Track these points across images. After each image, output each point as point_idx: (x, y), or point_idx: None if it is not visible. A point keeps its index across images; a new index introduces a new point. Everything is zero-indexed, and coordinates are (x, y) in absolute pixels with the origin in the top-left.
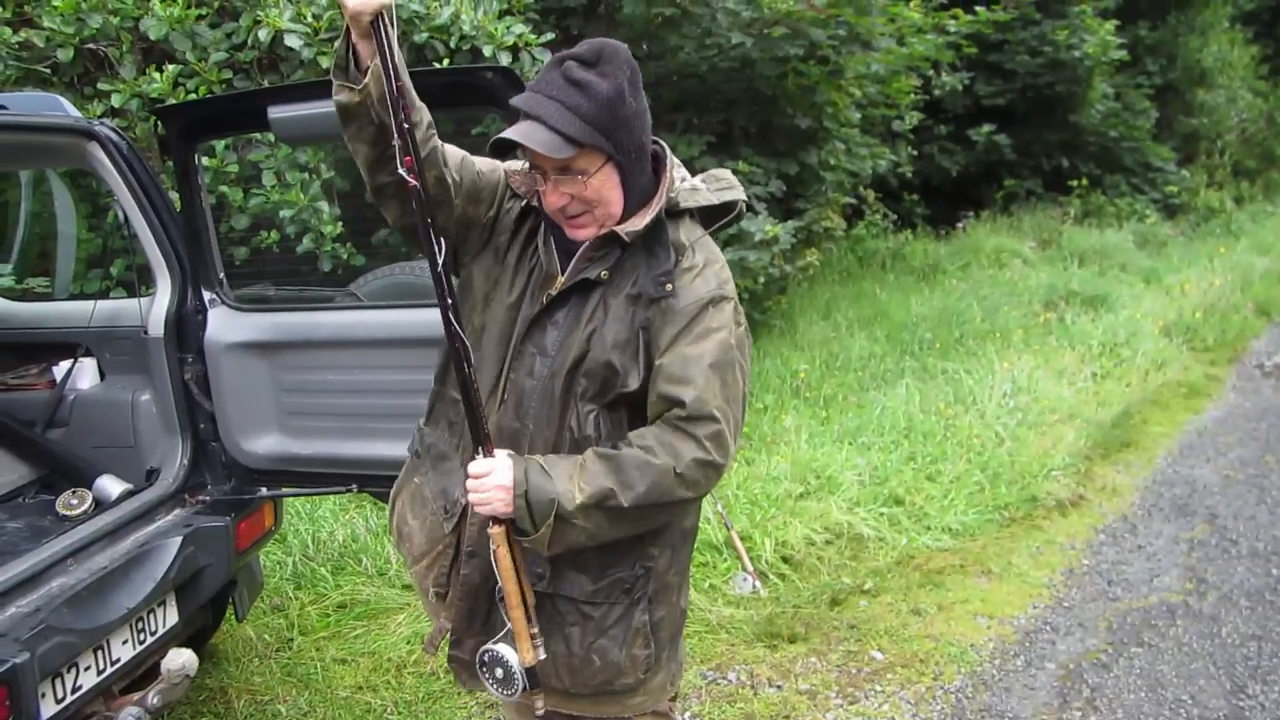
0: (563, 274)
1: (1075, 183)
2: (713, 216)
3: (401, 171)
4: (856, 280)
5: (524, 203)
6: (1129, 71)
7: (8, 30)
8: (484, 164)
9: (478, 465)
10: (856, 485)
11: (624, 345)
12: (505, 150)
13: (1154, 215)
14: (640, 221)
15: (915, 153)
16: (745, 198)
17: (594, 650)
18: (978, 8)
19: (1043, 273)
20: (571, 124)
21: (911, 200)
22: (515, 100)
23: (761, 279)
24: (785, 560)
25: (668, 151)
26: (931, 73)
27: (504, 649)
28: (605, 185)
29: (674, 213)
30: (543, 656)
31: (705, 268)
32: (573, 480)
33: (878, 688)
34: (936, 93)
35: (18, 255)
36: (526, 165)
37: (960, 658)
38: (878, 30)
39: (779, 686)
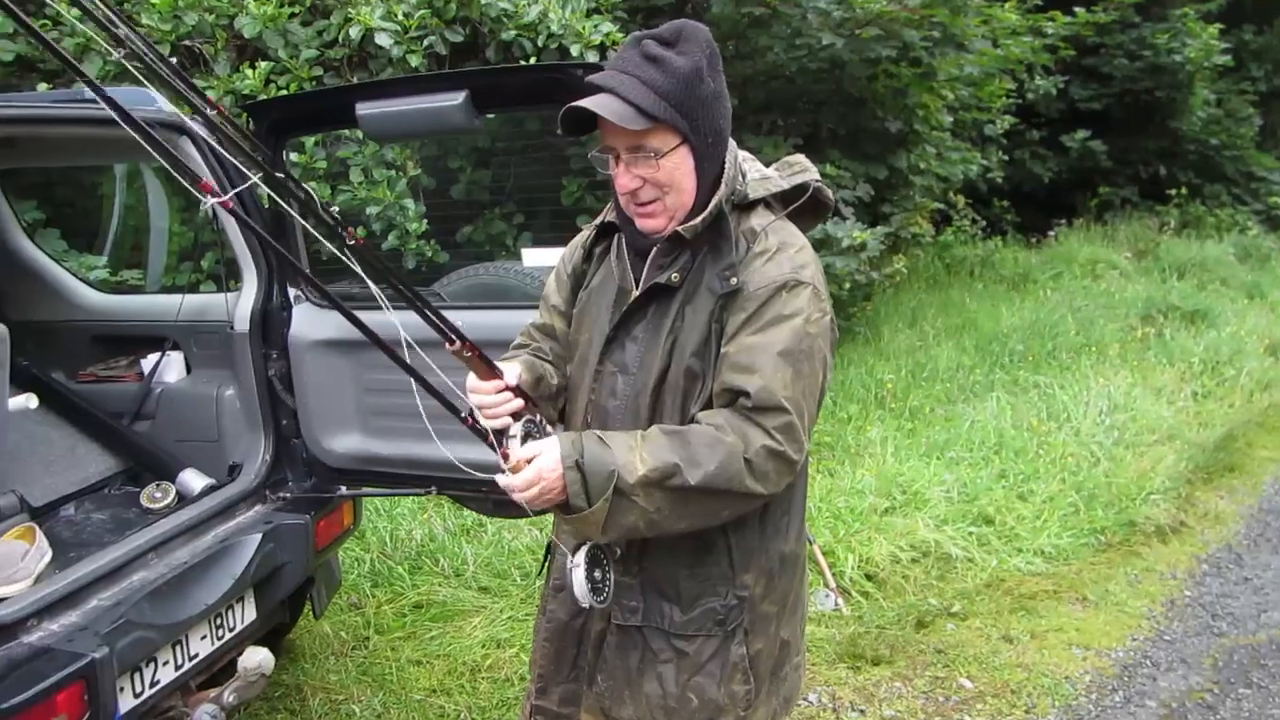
0: (637, 288)
1: (1174, 192)
2: (791, 203)
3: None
4: (944, 288)
5: (594, 230)
6: (1232, 77)
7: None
8: (551, 293)
9: (522, 449)
10: (944, 502)
11: (701, 349)
12: (576, 126)
13: (1256, 227)
14: (701, 216)
15: (1007, 158)
16: (820, 179)
17: (690, 688)
18: (1076, 9)
19: (1139, 285)
20: (646, 97)
21: (1002, 206)
22: (591, 77)
23: (847, 285)
24: (869, 578)
25: (732, 144)
26: (1025, 76)
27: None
28: (679, 169)
29: (744, 205)
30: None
31: (779, 251)
32: (634, 451)
33: (966, 718)
34: (1030, 96)
35: (112, 248)
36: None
37: (1054, 690)
38: (972, 31)
39: (861, 711)
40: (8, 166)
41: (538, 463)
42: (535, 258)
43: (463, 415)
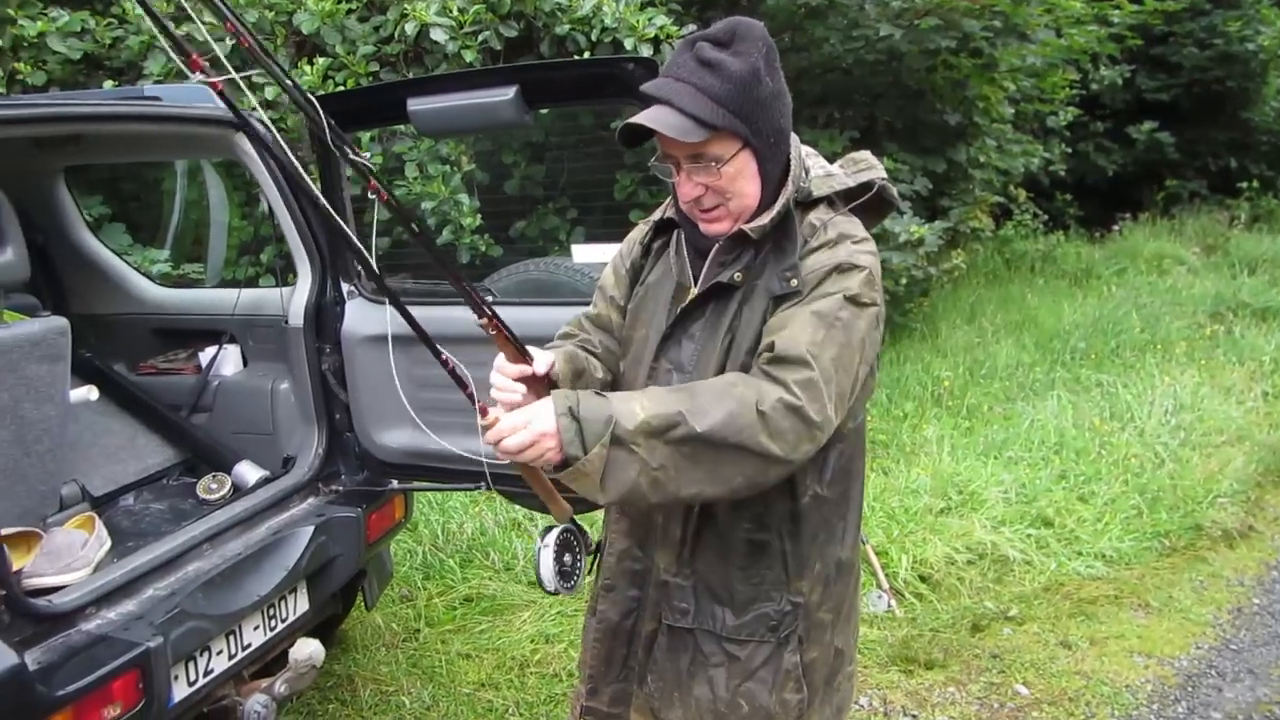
0: (696, 285)
1: (1245, 185)
2: (855, 199)
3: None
4: (1004, 283)
5: (651, 227)
6: None
7: (171, 25)
8: (608, 284)
9: (514, 415)
10: (1002, 503)
11: (755, 347)
12: (634, 139)
13: None
14: (768, 215)
15: (1070, 150)
16: (886, 176)
17: (741, 694)
18: None
19: (1208, 281)
20: (703, 107)
21: (1064, 200)
22: (645, 86)
23: (904, 280)
24: (923, 579)
25: (796, 140)
26: (1090, 66)
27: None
28: (741, 174)
29: (807, 202)
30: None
31: (838, 242)
32: (634, 401)
33: None
34: (1095, 87)
35: (173, 242)
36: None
37: (1114, 699)
38: (1035, 21)
39: (914, 716)
40: (73, 163)
41: (528, 410)
42: (585, 254)
43: (443, 358)
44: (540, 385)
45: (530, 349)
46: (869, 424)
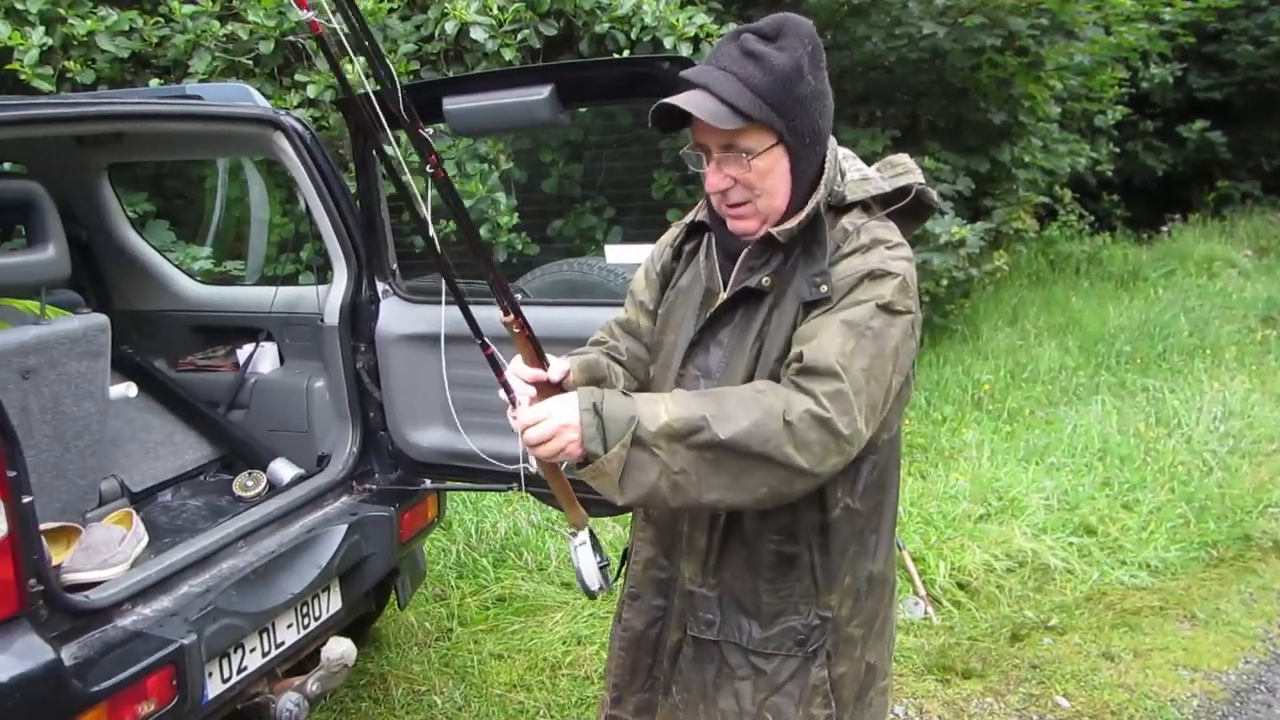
0: (725, 290)
1: None
2: (891, 204)
3: None
4: (1047, 285)
5: (684, 229)
6: None
7: (216, 24)
8: (639, 288)
9: (538, 407)
10: (1043, 509)
11: (784, 354)
12: (669, 123)
13: None
14: (796, 219)
15: (1118, 150)
16: (924, 181)
17: (767, 708)
18: None
19: (1260, 284)
20: (741, 96)
21: (1111, 200)
22: (686, 72)
23: (944, 281)
24: (961, 587)
25: (833, 143)
26: (1140, 64)
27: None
28: (772, 171)
29: (840, 207)
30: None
31: (871, 247)
32: (658, 403)
33: None
34: (1144, 85)
35: (214, 239)
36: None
37: (1158, 713)
38: (1083, 18)
39: None
40: (116, 160)
41: (551, 402)
42: (619, 254)
43: (482, 342)
44: (553, 392)
45: (549, 357)
46: (905, 428)
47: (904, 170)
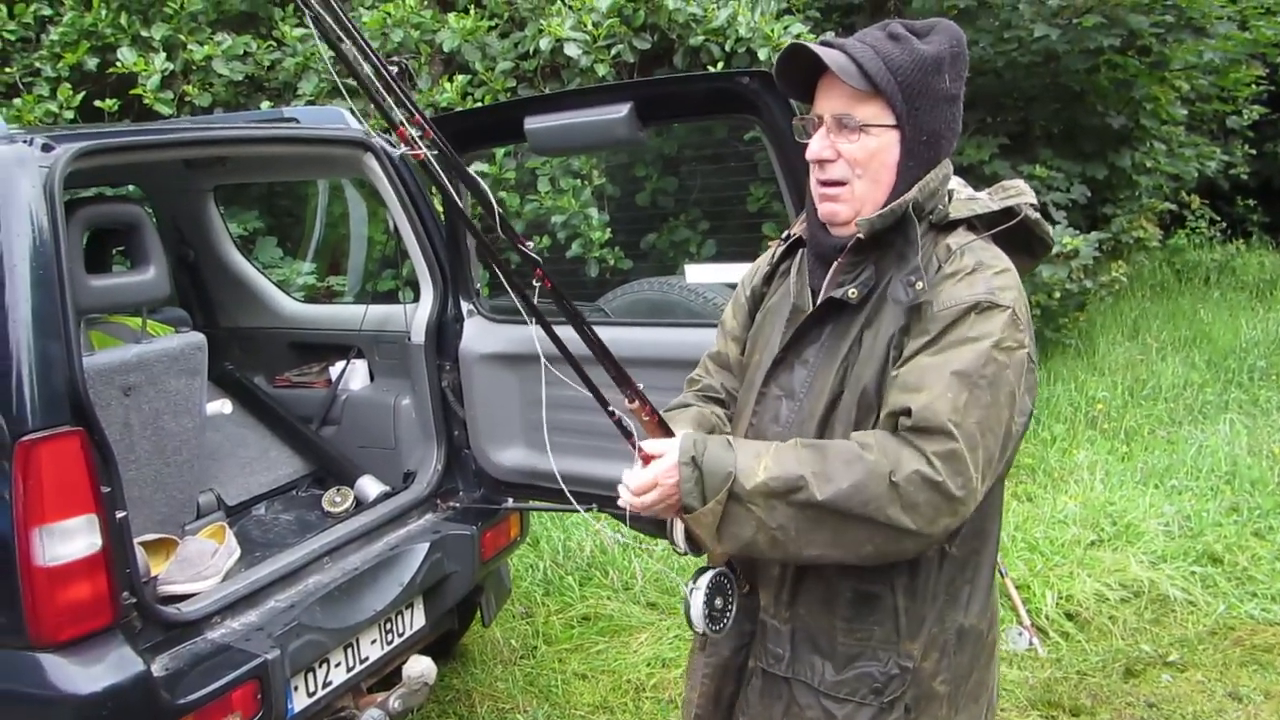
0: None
1: None
2: (997, 225)
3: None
4: (1172, 296)
5: (783, 245)
6: None
7: (324, 46)
8: (728, 318)
9: (651, 445)
10: (1162, 536)
11: (878, 376)
12: (792, 83)
13: None
14: (879, 212)
15: (1253, 151)
16: (1035, 204)
17: None
18: None
19: None
20: (875, 64)
21: (1246, 205)
22: (822, 37)
23: (1057, 294)
24: (1070, 617)
25: (948, 163)
26: (1279, 60)
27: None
28: (881, 153)
29: (943, 224)
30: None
31: (975, 272)
32: (759, 458)
33: None
34: None
35: (315, 255)
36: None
37: None
38: (1215, 13)
39: None
40: (221, 182)
41: (655, 465)
42: (699, 274)
43: (609, 409)
44: (665, 434)
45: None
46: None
47: (1015, 193)
